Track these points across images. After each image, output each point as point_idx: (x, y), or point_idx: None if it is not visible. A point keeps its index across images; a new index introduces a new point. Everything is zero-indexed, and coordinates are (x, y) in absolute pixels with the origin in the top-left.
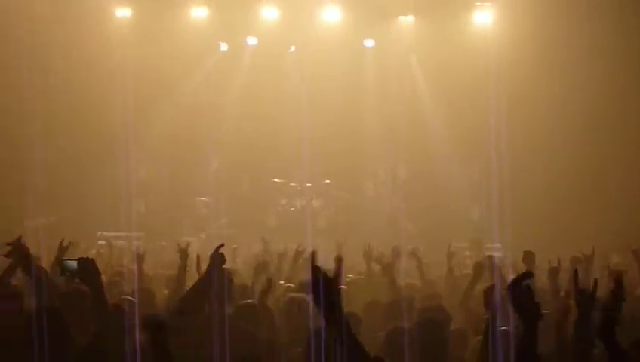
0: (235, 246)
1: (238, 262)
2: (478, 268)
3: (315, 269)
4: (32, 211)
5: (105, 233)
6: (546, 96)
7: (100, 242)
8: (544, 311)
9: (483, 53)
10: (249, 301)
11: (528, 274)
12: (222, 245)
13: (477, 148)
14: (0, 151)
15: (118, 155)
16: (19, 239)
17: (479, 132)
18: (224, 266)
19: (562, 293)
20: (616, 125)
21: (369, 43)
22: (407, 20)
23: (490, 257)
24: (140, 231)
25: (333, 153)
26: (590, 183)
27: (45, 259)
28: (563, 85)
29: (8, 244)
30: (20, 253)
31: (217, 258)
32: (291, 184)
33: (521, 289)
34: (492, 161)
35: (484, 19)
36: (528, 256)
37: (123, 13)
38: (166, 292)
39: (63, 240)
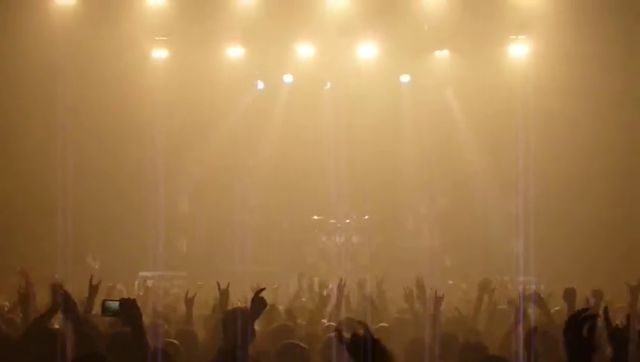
0: (276, 285)
1: (280, 302)
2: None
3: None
4: (69, 254)
5: (145, 273)
6: (580, 128)
7: (138, 282)
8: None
9: (518, 85)
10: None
11: (589, 314)
12: (262, 289)
13: (516, 179)
14: (35, 196)
15: (155, 196)
16: (58, 283)
17: (516, 164)
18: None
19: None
20: None
21: (405, 78)
22: (442, 55)
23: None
24: (182, 271)
25: (371, 189)
26: (621, 217)
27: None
28: (598, 118)
29: (54, 287)
30: (59, 296)
31: (258, 302)
32: (331, 221)
33: (578, 327)
34: (532, 192)
35: (518, 52)
36: (569, 293)
37: (160, 54)
38: (204, 332)
39: (92, 277)
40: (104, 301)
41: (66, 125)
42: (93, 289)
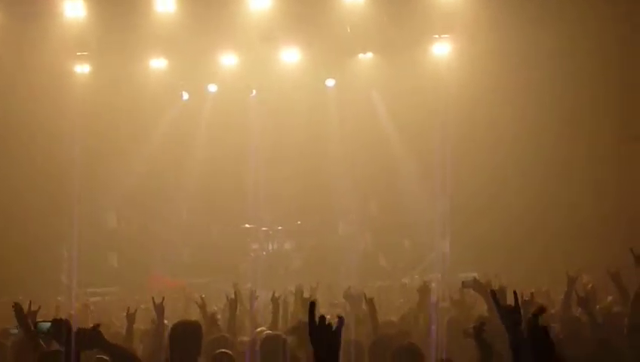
0: (203, 294)
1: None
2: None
3: (319, 319)
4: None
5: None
6: (509, 125)
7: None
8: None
9: (442, 85)
10: (223, 350)
11: (541, 310)
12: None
13: (443, 179)
14: None
15: (82, 212)
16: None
17: (444, 163)
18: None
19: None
20: (585, 149)
21: (330, 82)
22: (366, 58)
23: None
24: (115, 286)
25: (301, 194)
26: (562, 214)
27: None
28: (528, 109)
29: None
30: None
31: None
32: (262, 228)
33: (537, 330)
34: (458, 191)
35: (441, 51)
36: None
37: (82, 69)
38: (141, 346)
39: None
40: (37, 322)
41: None
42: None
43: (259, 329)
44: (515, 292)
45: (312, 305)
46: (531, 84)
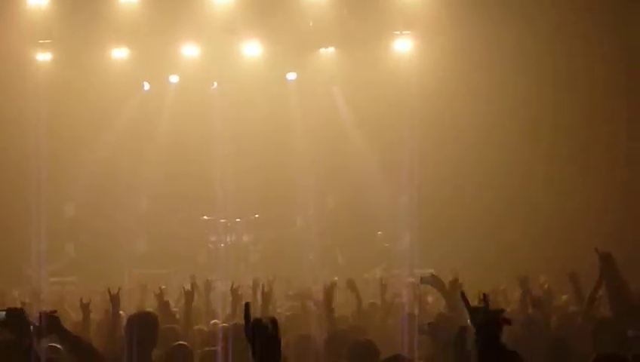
0: (163, 286)
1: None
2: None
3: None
4: None
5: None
6: (470, 120)
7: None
8: None
9: (403, 81)
10: (181, 342)
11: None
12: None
13: (404, 175)
14: None
15: (40, 202)
16: None
17: (405, 159)
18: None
19: None
20: (546, 148)
21: (291, 76)
22: (328, 52)
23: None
24: (72, 276)
25: (260, 187)
26: (524, 210)
27: None
28: (489, 105)
29: None
30: None
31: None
32: (221, 220)
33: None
34: (419, 188)
35: (403, 47)
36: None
37: (43, 57)
38: (96, 337)
39: None
40: None
41: None
42: None
43: (213, 322)
44: (484, 294)
45: (247, 306)
46: (493, 81)
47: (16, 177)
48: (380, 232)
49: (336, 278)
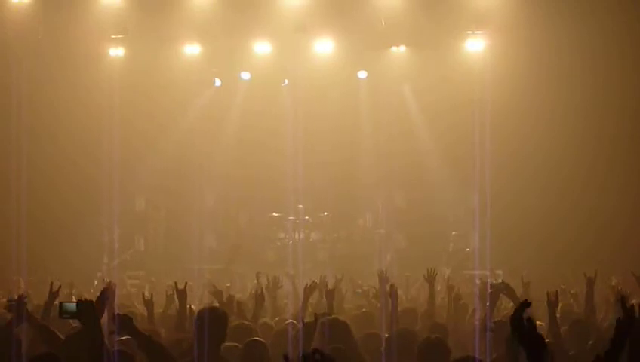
0: (228, 284)
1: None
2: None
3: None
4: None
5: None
6: (540, 120)
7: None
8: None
9: (474, 80)
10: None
11: (526, 305)
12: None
13: (473, 174)
14: None
15: (112, 194)
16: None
17: (474, 159)
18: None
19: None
20: (610, 148)
21: (362, 74)
22: (399, 51)
23: (490, 285)
24: (140, 270)
25: (330, 185)
26: (587, 208)
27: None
28: (557, 108)
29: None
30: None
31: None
32: (289, 218)
33: (521, 323)
34: (488, 187)
35: (475, 47)
36: (526, 286)
37: (116, 52)
38: (163, 331)
39: (52, 283)
40: (61, 303)
41: (20, 122)
42: (52, 296)
43: (277, 319)
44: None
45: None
46: (563, 83)
47: (90, 170)
48: (454, 232)
49: (407, 274)
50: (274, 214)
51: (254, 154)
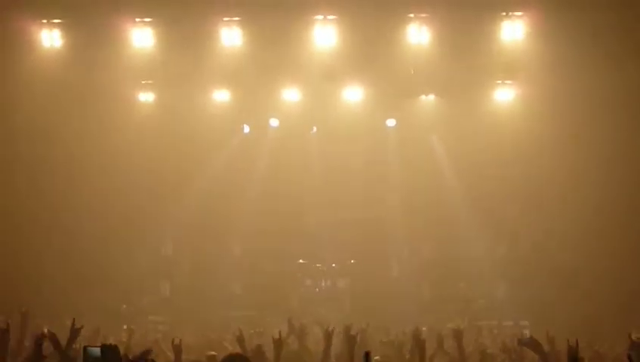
0: (261, 329)
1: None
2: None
3: None
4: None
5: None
6: (570, 176)
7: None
8: None
9: (504, 131)
10: None
11: None
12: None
13: (501, 228)
14: (15, 240)
15: (140, 241)
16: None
17: (503, 211)
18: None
19: None
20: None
21: (391, 122)
22: (428, 99)
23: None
24: (165, 316)
25: (357, 233)
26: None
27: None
28: (589, 159)
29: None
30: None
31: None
32: (317, 265)
33: None
34: (516, 242)
35: (504, 97)
36: (551, 341)
37: (146, 97)
38: None
39: (74, 321)
40: (85, 347)
41: (51, 166)
42: (74, 333)
43: None
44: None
45: (367, 355)
46: (594, 134)
47: (115, 212)
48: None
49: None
50: (300, 261)
51: (282, 200)
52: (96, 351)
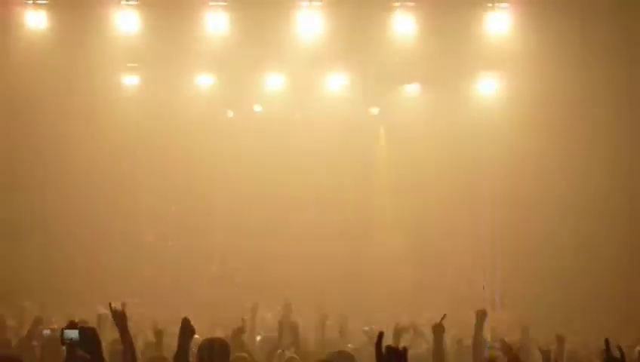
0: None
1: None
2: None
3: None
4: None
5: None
6: (554, 163)
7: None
8: None
9: (487, 121)
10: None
11: None
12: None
13: (483, 219)
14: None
15: (122, 223)
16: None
17: (485, 202)
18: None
19: None
20: (626, 199)
21: (374, 110)
22: (412, 88)
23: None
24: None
25: (341, 218)
26: (617, 283)
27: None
28: (573, 151)
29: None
30: None
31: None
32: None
33: None
34: (497, 234)
35: (488, 88)
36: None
37: (131, 80)
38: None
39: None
40: (62, 329)
41: (34, 148)
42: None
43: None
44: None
45: (380, 336)
46: (579, 126)
47: (98, 196)
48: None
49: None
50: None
51: (265, 184)
52: (74, 333)
